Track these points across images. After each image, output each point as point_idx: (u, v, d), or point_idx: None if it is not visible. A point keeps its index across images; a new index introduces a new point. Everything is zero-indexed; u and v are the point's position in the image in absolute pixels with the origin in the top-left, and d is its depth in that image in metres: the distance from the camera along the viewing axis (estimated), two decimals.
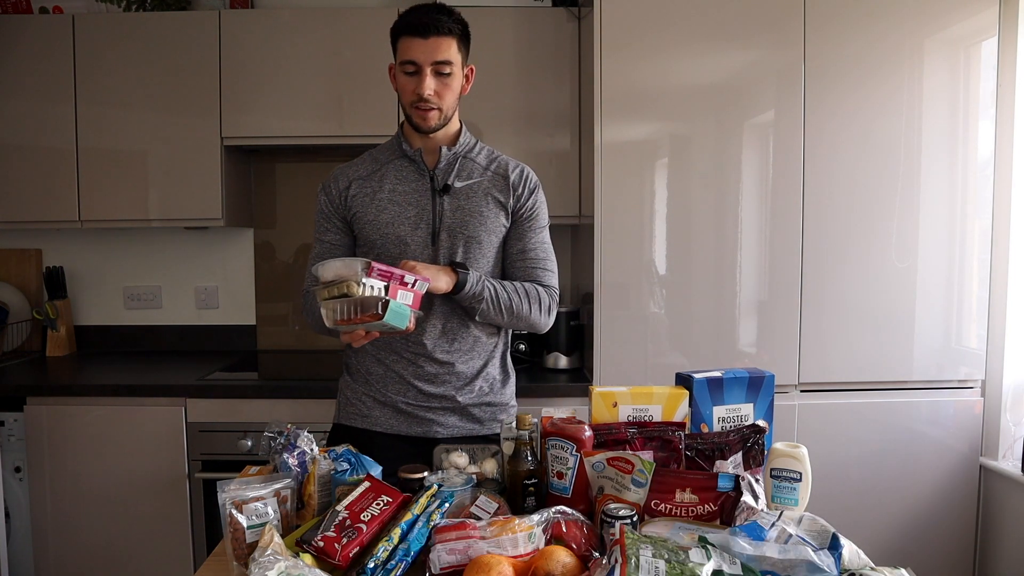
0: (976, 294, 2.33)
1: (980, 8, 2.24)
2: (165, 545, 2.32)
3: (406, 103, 1.55)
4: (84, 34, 2.52)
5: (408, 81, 1.52)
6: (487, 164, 1.63)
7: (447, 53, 1.49)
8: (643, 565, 0.91)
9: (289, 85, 2.53)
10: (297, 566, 1.00)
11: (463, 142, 1.62)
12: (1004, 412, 2.30)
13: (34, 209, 2.57)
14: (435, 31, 1.47)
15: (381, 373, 1.63)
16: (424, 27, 1.47)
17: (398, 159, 1.63)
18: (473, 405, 1.63)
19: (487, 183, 1.60)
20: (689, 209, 2.29)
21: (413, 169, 1.61)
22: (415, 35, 1.48)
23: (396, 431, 1.62)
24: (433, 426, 1.62)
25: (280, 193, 2.93)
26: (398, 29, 1.52)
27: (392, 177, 1.61)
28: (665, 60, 2.25)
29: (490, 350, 1.66)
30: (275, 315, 2.96)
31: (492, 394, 1.66)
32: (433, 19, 1.47)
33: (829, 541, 1.01)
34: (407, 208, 1.58)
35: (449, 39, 1.49)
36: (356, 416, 1.66)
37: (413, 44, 1.48)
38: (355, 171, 1.64)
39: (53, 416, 2.31)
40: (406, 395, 1.61)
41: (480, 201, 1.58)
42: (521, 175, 1.62)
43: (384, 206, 1.58)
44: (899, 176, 2.28)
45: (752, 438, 1.30)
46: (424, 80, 1.49)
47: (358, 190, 1.61)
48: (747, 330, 2.31)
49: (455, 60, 1.51)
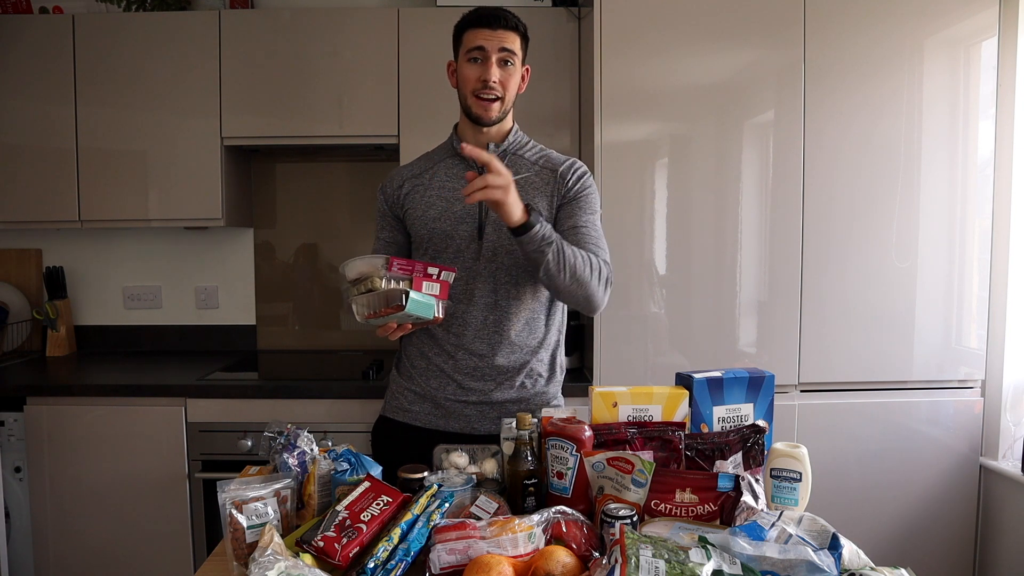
0: (976, 294, 2.33)
1: (980, 8, 2.24)
2: (165, 545, 2.32)
3: (468, 92, 1.58)
4: (84, 34, 2.52)
5: (472, 68, 1.57)
6: (536, 160, 1.66)
7: (513, 44, 1.56)
8: (643, 565, 0.91)
9: (289, 85, 2.54)
10: (297, 566, 1.00)
11: (512, 140, 1.66)
12: (1004, 412, 2.30)
13: (34, 209, 2.57)
14: (503, 23, 1.55)
15: (423, 367, 1.66)
16: (493, 18, 1.55)
17: (449, 157, 1.68)
18: (511, 402, 1.64)
19: (535, 178, 1.63)
20: (689, 209, 2.29)
21: (464, 167, 1.64)
22: (484, 26, 1.55)
23: (435, 426, 1.65)
24: (471, 422, 1.64)
25: (280, 193, 2.93)
26: (465, 23, 1.59)
27: (442, 175, 1.65)
28: (665, 60, 2.25)
29: (534, 345, 1.66)
30: (275, 315, 2.96)
31: (534, 391, 1.67)
32: (501, 13, 1.56)
33: (829, 541, 1.01)
34: (454, 204, 1.61)
35: (514, 33, 1.57)
36: (399, 410, 1.70)
37: (480, 33, 1.55)
38: (409, 171, 1.70)
39: (53, 416, 2.31)
40: (445, 390, 1.64)
41: (526, 196, 1.59)
42: (570, 166, 1.65)
43: (433, 202, 1.63)
44: (899, 176, 2.28)
45: (752, 438, 1.30)
46: (491, 67, 1.55)
47: (411, 188, 1.67)
48: (747, 330, 2.31)
49: (518, 53, 1.58)
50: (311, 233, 2.95)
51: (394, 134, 2.53)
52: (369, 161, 2.89)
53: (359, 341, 2.92)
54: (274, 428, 1.34)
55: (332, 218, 2.93)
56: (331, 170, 2.92)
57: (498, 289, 1.61)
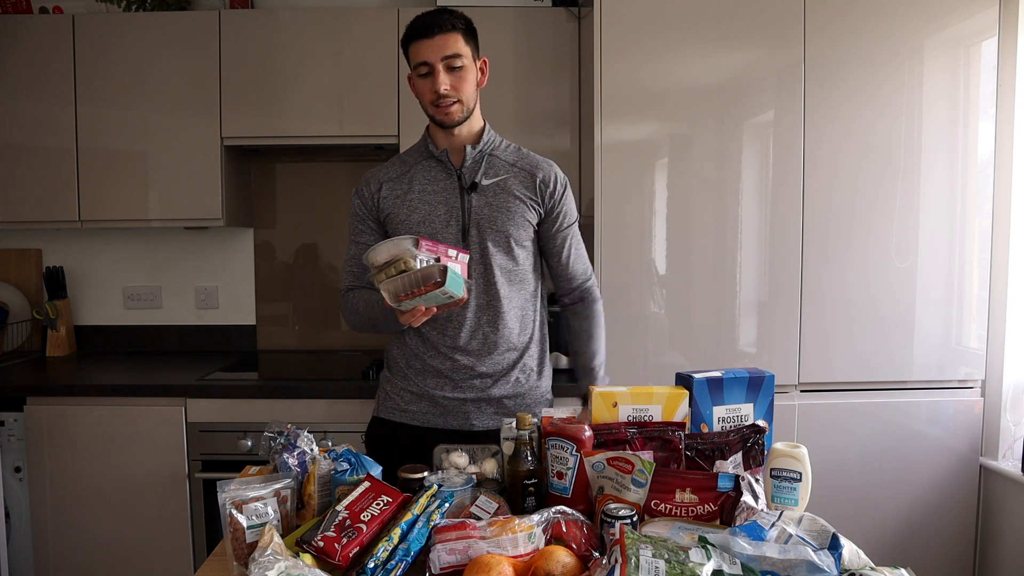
0: (976, 294, 2.33)
1: (980, 8, 2.24)
2: (165, 545, 2.32)
3: (427, 104, 1.60)
4: (84, 34, 2.52)
5: (424, 83, 1.58)
6: (514, 161, 1.67)
7: (455, 47, 1.55)
8: (643, 565, 0.91)
9: (289, 85, 2.54)
10: (297, 566, 1.00)
11: (487, 140, 1.66)
12: (1004, 412, 2.30)
13: (34, 209, 2.57)
14: (439, 29, 1.54)
15: (419, 367, 1.67)
16: (428, 28, 1.54)
17: (425, 160, 1.67)
18: (507, 397, 1.68)
19: (514, 179, 1.65)
20: (689, 209, 2.29)
21: (440, 169, 1.65)
22: (422, 37, 1.54)
23: (433, 425, 1.67)
24: (470, 419, 1.66)
25: (280, 193, 2.93)
26: (407, 37, 1.58)
27: (421, 177, 1.66)
28: (665, 60, 2.25)
29: (526, 341, 1.70)
30: (275, 315, 2.96)
31: (528, 385, 1.71)
32: (435, 19, 1.54)
33: (829, 541, 1.01)
34: (437, 207, 1.62)
35: (454, 34, 1.55)
36: (395, 411, 1.71)
37: (422, 46, 1.55)
38: (385, 173, 1.70)
39: (53, 416, 2.31)
40: (443, 388, 1.66)
41: (508, 197, 1.63)
42: (550, 173, 1.68)
43: (415, 205, 1.63)
44: (899, 176, 2.28)
45: (752, 438, 1.30)
46: (438, 77, 1.55)
47: (389, 191, 1.66)
48: (747, 330, 2.31)
49: (464, 52, 1.57)
50: (311, 233, 2.95)
51: (394, 134, 2.53)
52: (369, 161, 2.89)
53: (359, 341, 2.92)
54: (274, 428, 1.34)
55: (332, 218, 2.93)
56: (331, 170, 2.92)
57: (488, 289, 1.64)
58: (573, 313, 1.78)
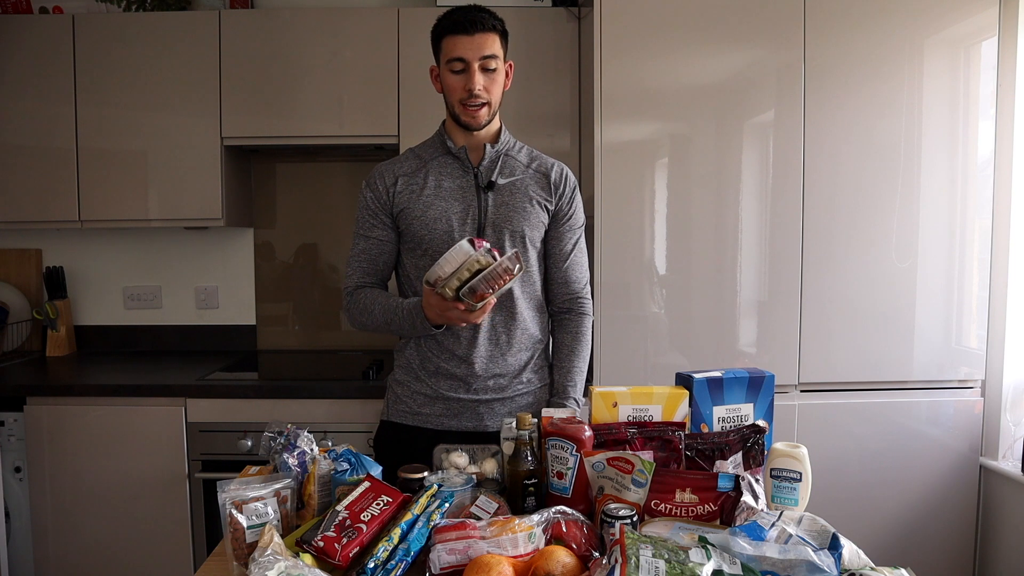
0: (976, 294, 2.33)
1: (980, 8, 2.24)
2: (165, 545, 2.32)
3: (454, 101, 1.58)
4: (84, 34, 2.52)
5: (456, 79, 1.56)
6: (528, 162, 1.68)
7: (492, 48, 1.54)
8: (643, 565, 0.91)
9: (289, 85, 2.53)
10: (297, 566, 1.00)
11: (504, 140, 1.66)
12: (1004, 412, 2.30)
13: (34, 209, 2.57)
14: (480, 28, 1.53)
15: (433, 370, 1.66)
16: (470, 24, 1.52)
17: (442, 156, 1.66)
18: (521, 395, 1.68)
19: (529, 180, 1.65)
20: (689, 209, 2.29)
21: (458, 166, 1.64)
22: (461, 33, 1.53)
23: (447, 427, 1.65)
24: (484, 419, 1.65)
25: (280, 193, 2.93)
26: (442, 29, 1.56)
27: (437, 173, 1.64)
28: (665, 60, 2.25)
29: (537, 341, 1.71)
30: (275, 315, 2.96)
31: (540, 384, 1.71)
32: (477, 16, 1.53)
33: (829, 541, 1.01)
34: (453, 204, 1.61)
35: (493, 35, 1.55)
36: (407, 414, 1.68)
37: (460, 42, 1.53)
38: (400, 168, 1.67)
39: (53, 416, 2.31)
40: (457, 390, 1.65)
41: (522, 198, 1.63)
42: (562, 175, 1.68)
43: (431, 202, 1.62)
44: (899, 176, 2.28)
45: (752, 438, 1.30)
46: (474, 76, 1.54)
47: (404, 186, 1.64)
48: (747, 330, 2.31)
49: (499, 55, 1.57)
50: (311, 233, 2.95)
51: (394, 134, 2.53)
52: (369, 161, 2.89)
53: (359, 341, 2.92)
54: (274, 428, 1.34)
55: (332, 218, 2.93)
56: (331, 170, 2.92)
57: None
58: (559, 324, 1.75)
